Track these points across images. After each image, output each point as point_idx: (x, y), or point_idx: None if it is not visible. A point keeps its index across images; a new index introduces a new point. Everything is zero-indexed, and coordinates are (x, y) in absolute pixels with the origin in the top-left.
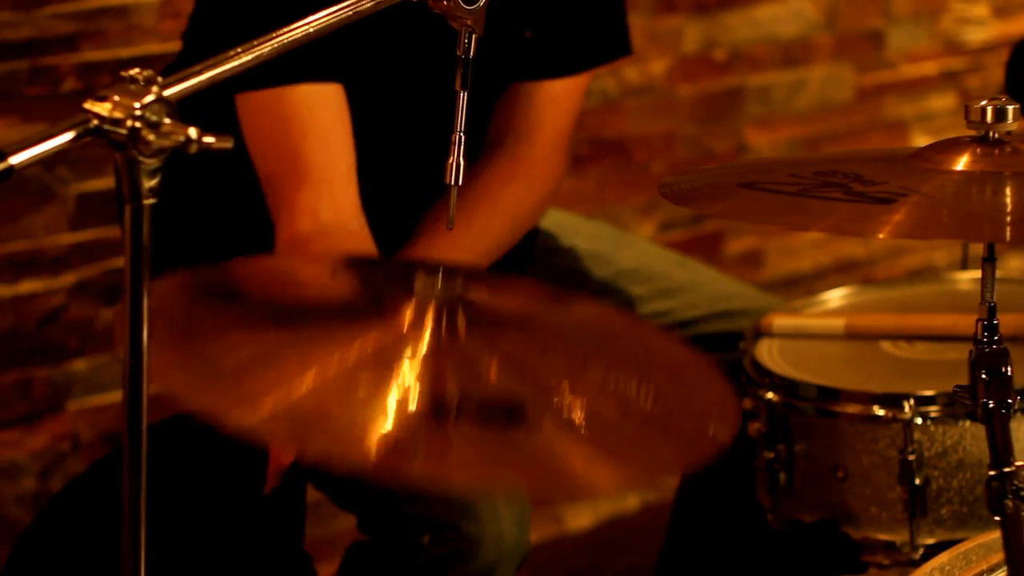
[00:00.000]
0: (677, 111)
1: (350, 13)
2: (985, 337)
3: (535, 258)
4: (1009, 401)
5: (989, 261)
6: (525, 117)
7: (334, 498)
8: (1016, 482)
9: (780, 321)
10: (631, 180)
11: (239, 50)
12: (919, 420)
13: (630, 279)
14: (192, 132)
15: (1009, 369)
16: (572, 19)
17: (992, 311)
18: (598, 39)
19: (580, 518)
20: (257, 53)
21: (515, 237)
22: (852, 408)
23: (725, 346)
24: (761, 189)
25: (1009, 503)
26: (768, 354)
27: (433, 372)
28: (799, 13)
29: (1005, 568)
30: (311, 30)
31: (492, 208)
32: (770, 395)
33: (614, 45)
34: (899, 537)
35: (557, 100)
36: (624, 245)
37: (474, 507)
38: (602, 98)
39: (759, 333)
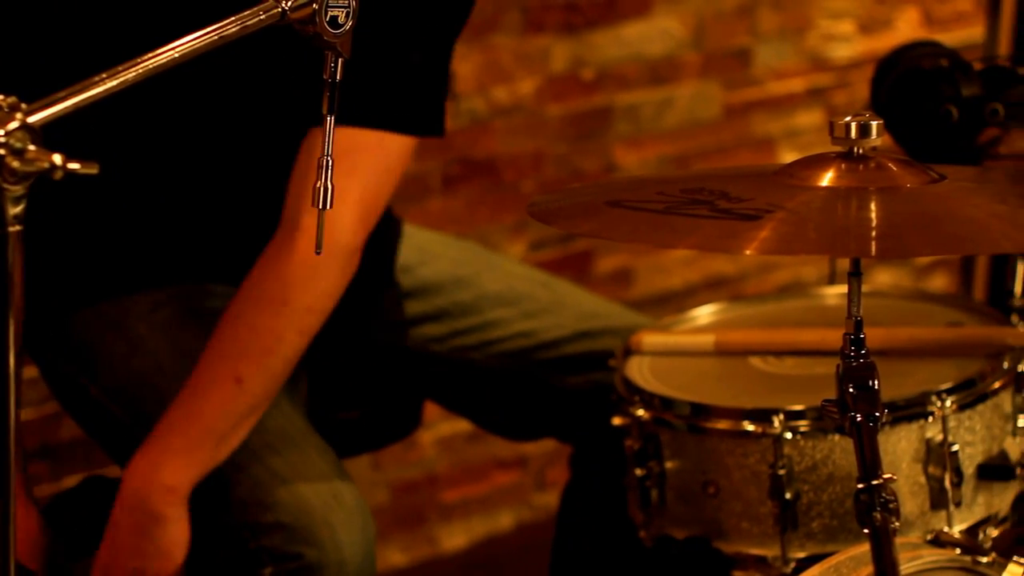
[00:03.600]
0: (546, 130)
1: (216, 37)
2: (852, 351)
3: (396, 283)
4: (876, 414)
5: (855, 276)
6: (303, 181)
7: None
8: (884, 494)
9: (650, 339)
10: (501, 200)
11: (104, 76)
12: (789, 435)
13: (494, 302)
14: (57, 159)
15: (876, 382)
16: (367, 68)
17: (859, 325)
18: (398, 100)
19: (454, 539)
20: (123, 79)
21: (298, 322)
22: (722, 424)
23: (590, 367)
24: (628, 207)
25: (877, 515)
26: (639, 372)
27: None
28: (666, 32)
29: None
30: (176, 55)
31: (255, 305)
32: (641, 412)
33: (417, 115)
34: (770, 551)
35: (338, 160)
36: (488, 268)
37: (316, 534)
38: (471, 118)
39: (629, 351)
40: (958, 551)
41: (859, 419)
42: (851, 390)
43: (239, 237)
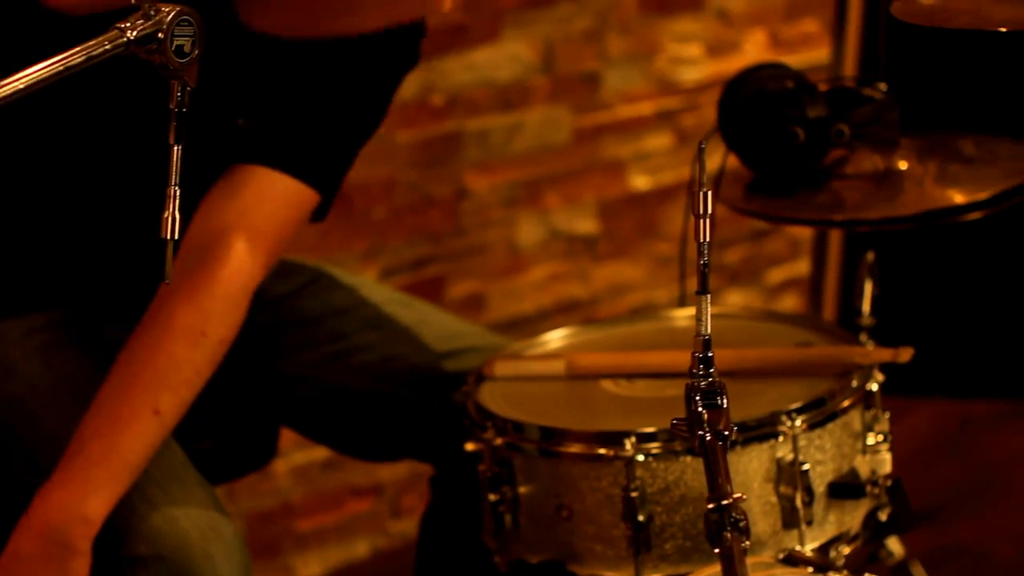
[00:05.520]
0: (396, 157)
1: (61, 68)
2: (700, 370)
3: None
4: (725, 433)
5: (702, 294)
6: (223, 215)
7: None
8: (734, 514)
9: (502, 364)
10: (352, 227)
11: None
12: (641, 457)
13: (360, 325)
14: None
15: (724, 401)
16: (296, 121)
17: (706, 344)
18: (316, 157)
19: (310, 568)
20: None
21: (212, 354)
22: (574, 447)
23: (453, 386)
24: None
25: (728, 535)
26: (491, 397)
27: None
28: (515, 57)
29: None
30: (21, 85)
31: (176, 335)
32: (493, 437)
33: (323, 176)
34: (625, 574)
35: (263, 199)
36: (351, 289)
37: (195, 567)
38: None
39: (482, 377)
40: (810, 569)
41: (708, 438)
42: (699, 409)
43: (113, 265)
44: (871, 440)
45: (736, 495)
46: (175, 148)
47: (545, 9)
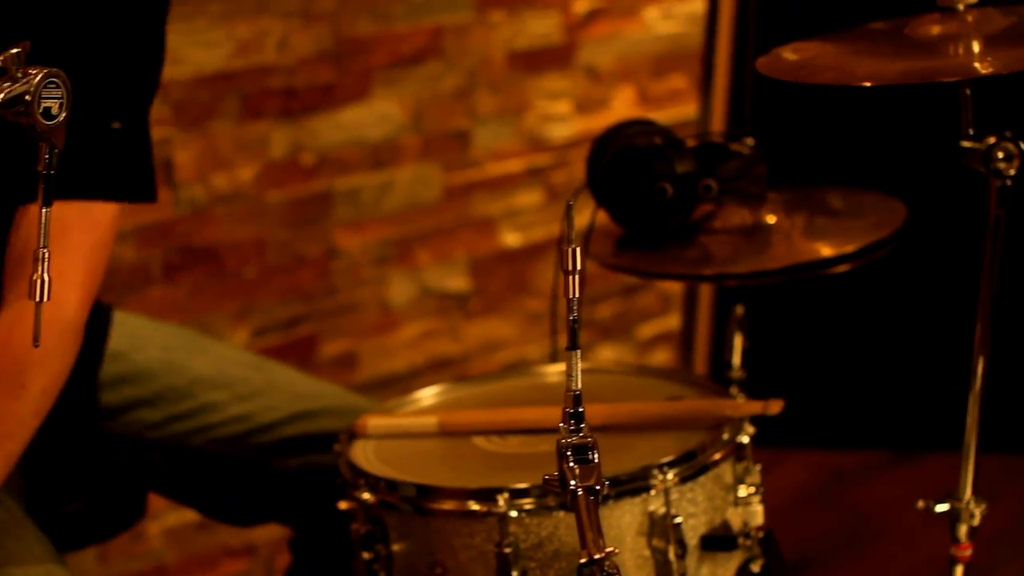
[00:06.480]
0: (267, 216)
1: None
2: (571, 425)
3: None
4: (597, 487)
5: (572, 350)
6: (21, 266)
7: None
8: (608, 568)
9: (375, 422)
10: (223, 287)
11: None
12: (514, 513)
13: (207, 386)
14: None
15: (596, 455)
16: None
17: (577, 399)
18: (103, 169)
19: None
20: None
21: (35, 404)
22: (447, 504)
23: (309, 448)
24: None
25: None
26: (363, 455)
27: None
28: (385, 115)
29: None
30: None
31: None
32: (366, 496)
33: (109, 181)
34: None
35: (51, 237)
36: (198, 351)
37: None
38: (191, 206)
39: (354, 435)
40: None
41: (580, 493)
42: (571, 464)
43: None
44: (743, 492)
45: (609, 549)
46: (43, 211)
47: (414, 67)
